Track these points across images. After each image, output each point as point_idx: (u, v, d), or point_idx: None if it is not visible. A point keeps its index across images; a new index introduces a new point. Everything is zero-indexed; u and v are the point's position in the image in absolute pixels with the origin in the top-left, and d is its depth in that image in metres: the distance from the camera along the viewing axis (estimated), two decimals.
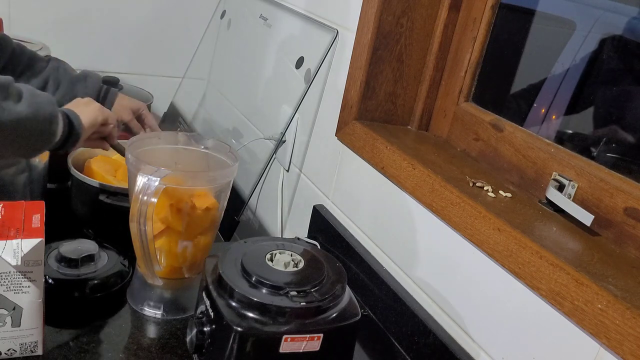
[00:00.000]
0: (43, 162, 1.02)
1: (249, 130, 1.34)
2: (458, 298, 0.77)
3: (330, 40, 1.05)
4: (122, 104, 1.08)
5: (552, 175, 0.76)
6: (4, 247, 0.64)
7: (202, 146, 0.87)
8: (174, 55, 1.67)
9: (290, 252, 0.75)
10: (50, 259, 0.83)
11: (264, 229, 1.27)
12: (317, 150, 1.10)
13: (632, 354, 0.54)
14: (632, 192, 0.67)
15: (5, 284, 0.65)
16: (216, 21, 1.62)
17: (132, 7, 1.60)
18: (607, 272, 0.61)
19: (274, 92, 1.26)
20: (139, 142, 0.83)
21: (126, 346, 0.76)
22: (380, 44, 0.94)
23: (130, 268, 0.87)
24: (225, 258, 0.73)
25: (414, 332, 0.80)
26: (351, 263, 0.94)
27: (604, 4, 0.90)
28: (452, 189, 0.77)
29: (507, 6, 0.91)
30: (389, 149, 0.88)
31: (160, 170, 0.72)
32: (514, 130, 0.84)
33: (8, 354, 0.69)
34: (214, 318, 0.68)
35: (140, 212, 0.70)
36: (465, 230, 0.73)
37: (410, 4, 0.93)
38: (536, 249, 0.64)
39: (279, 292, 0.68)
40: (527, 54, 0.95)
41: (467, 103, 0.94)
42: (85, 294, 0.81)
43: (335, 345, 0.69)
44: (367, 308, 0.90)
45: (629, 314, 0.54)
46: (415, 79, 0.98)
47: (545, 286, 0.62)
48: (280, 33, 1.28)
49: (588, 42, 0.88)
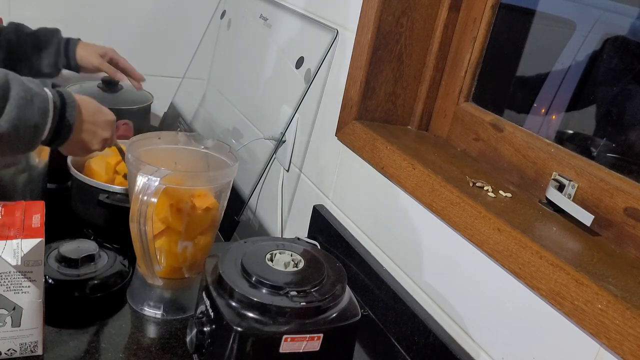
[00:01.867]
0: (43, 162, 1.02)
1: (249, 130, 1.34)
2: (458, 298, 0.77)
3: (330, 40, 1.05)
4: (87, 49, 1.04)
5: (552, 175, 0.76)
6: (4, 247, 0.64)
7: (202, 146, 0.87)
8: (174, 55, 1.67)
9: (290, 252, 0.75)
10: (50, 259, 0.83)
11: (264, 229, 1.27)
12: (317, 150, 1.10)
13: (632, 354, 0.54)
14: (632, 192, 0.67)
15: (5, 284, 0.65)
16: (216, 21, 1.62)
17: (132, 7, 1.60)
18: (607, 272, 0.61)
19: (274, 92, 1.26)
20: (139, 142, 0.83)
21: (126, 346, 0.76)
22: (380, 44, 0.94)
23: (130, 268, 0.87)
24: (225, 258, 0.73)
25: (414, 332, 0.80)
26: (351, 263, 0.94)
27: (604, 4, 0.90)
28: (452, 189, 0.77)
29: (507, 6, 0.91)
30: (389, 149, 0.88)
31: (160, 170, 0.72)
32: (514, 130, 0.84)
33: (8, 354, 0.69)
34: (214, 318, 0.68)
35: (140, 212, 0.70)
36: (465, 230, 0.73)
37: (410, 4, 0.93)
38: (536, 249, 0.64)
39: (279, 292, 0.68)
40: (527, 54, 0.95)
41: (467, 103, 0.94)
42: (85, 294, 0.81)
43: (335, 345, 0.69)
44: (367, 308, 0.90)
45: (629, 314, 0.54)
46: (415, 79, 0.98)
47: (545, 286, 0.62)
48: (280, 33, 1.28)
49: (588, 42, 0.88)
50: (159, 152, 0.84)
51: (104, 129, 0.84)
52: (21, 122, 0.71)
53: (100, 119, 0.83)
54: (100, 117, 0.84)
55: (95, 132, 0.82)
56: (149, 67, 1.66)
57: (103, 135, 0.83)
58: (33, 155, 0.97)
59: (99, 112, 0.84)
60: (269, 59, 1.30)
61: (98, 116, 0.83)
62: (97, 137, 0.83)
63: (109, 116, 0.85)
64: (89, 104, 0.83)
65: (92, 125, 0.82)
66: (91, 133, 0.82)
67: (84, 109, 0.81)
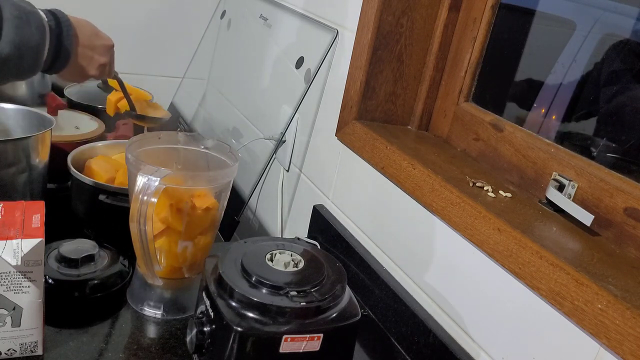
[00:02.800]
0: (43, 162, 1.02)
1: (249, 130, 1.34)
2: (458, 298, 0.77)
3: (330, 40, 1.05)
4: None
5: (552, 175, 0.76)
6: (4, 247, 0.64)
7: (202, 146, 0.87)
8: (174, 55, 1.67)
9: (290, 252, 0.75)
10: (50, 259, 0.83)
11: (264, 229, 1.27)
12: (317, 150, 1.10)
13: (632, 354, 0.54)
14: (632, 192, 0.67)
15: (5, 284, 0.65)
16: (216, 21, 1.62)
17: (132, 7, 1.60)
18: (607, 272, 0.61)
19: (274, 92, 1.26)
20: (139, 142, 0.83)
21: (126, 346, 0.76)
22: (380, 44, 0.94)
23: (130, 268, 0.87)
24: (225, 258, 0.73)
25: (414, 332, 0.80)
26: (351, 263, 0.94)
27: (604, 4, 0.90)
28: (452, 189, 0.77)
29: (507, 6, 0.91)
30: (389, 149, 0.88)
31: (160, 170, 0.72)
32: (514, 130, 0.84)
33: (8, 354, 0.69)
34: (214, 318, 0.68)
35: (140, 212, 0.70)
36: (465, 230, 0.73)
37: (410, 4, 0.93)
38: (536, 249, 0.64)
39: (279, 292, 0.68)
40: (527, 54, 0.95)
41: (467, 103, 0.94)
42: (85, 294, 0.81)
43: (335, 345, 0.69)
44: (367, 308, 0.90)
45: (629, 314, 0.54)
46: (415, 79, 0.98)
47: (545, 286, 0.62)
48: (280, 33, 1.28)
49: (588, 42, 0.88)
50: (159, 152, 0.84)
51: (101, 54, 0.80)
52: (22, 44, 0.68)
53: (98, 43, 0.80)
54: (98, 42, 0.80)
55: (92, 57, 0.79)
56: (149, 67, 1.67)
57: (100, 61, 0.80)
58: (33, 155, 0.97)
59: (95, 36, 0.80)
60: (269, 59, 1.30)
61: (95, 40, 0.80)
62: (94, 62, 0.80)
63: (106, 41, 0.82)
64: (85, 26, 0.79)
65: (89, 50, 0.79)
66: (88, 58, 0.79)
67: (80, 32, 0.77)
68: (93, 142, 1.11)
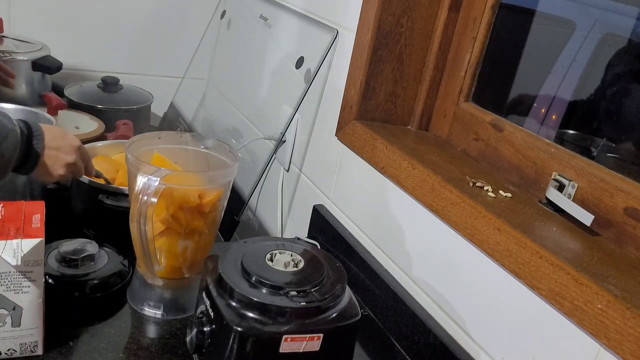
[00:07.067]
0: None
1: (249, 130, 1.34)
2: (458, 298, 0.77)
3: (330, 40, 1.05)
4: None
5: (552, 175, 0.76)
6: (4, 247, 0.64)
7: (202, 146, 0.87)
8: (174, 55, 1.67)
9: (290, 252, 0.75)
10: (50, 259, 0.83)
11: (264, 229, 1.27)
12: (317, 150, 1.10)
13: (632, 354, 0.54)
14: (632, 192, 0.67)
15: (5, 283, 0.65)
16: (216, 21, 1.62)
17: (132, 7, 1.60)
18: (607, 272, 0.61)
19: (274, 92, 1.26)
20: (139, 142, 0.83)
21: (126, 346, 0.76)
22: (380, 44, 0.94)
23: (130, 268, 0.87)
24: (225, 258, 0.73)
25: (414, 332, 0.80)
26: (351, 263, 0.94)
27: (604, 4, 0.90)
28: (452, 188, 0.77)
29: (507, 6, 0.91)
30: (389, 149, 0.88)
31: (160, 170, 0.72)
32: (514, 130, 0.84)
33: (8, 354, 0.69)
34: (214, 318, 0.68)
35: (140, 212, 0.70)
36: (465, 230, 0.74)
37: (410, 4, 0.93)
38: (536, 249, 0.64)
39: (279, 292, 0.68)
40: (527, 54, 0.95)
41: (467, 103, 0.94)
42: (85, 294, 0.81)
43: (335, 345, 0.69)
44: (367, 308, 0.90)
45: (629, 314, 0.54)
46: (415, 79, 0.98)
47: (545, 286, 0.62)
48: (280, 33, 1.28)
49: (588, 42, 0.88)
50: (159, 152, 0.84)
51: (67, 153, 0.83)
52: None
53: (63, 144, 0.83)
54: (63, 142, 0.84)
55: (57, 157, 0.82)
56: (149, 67, 1.67)
57: (66, 160, 0.83)
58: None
59: (61, 137, 0.84)
60: (269, 59, 1.30)
61: (60, 141, 0.83)
62: (60, 161, 0.83)
63: (73, 141, 0.85)
64: (51, 129, 0.83)
65: (54, 150, 0.82)
66: (53, 158, 0.82)
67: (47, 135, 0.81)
68: (93, 142, 1.11)
